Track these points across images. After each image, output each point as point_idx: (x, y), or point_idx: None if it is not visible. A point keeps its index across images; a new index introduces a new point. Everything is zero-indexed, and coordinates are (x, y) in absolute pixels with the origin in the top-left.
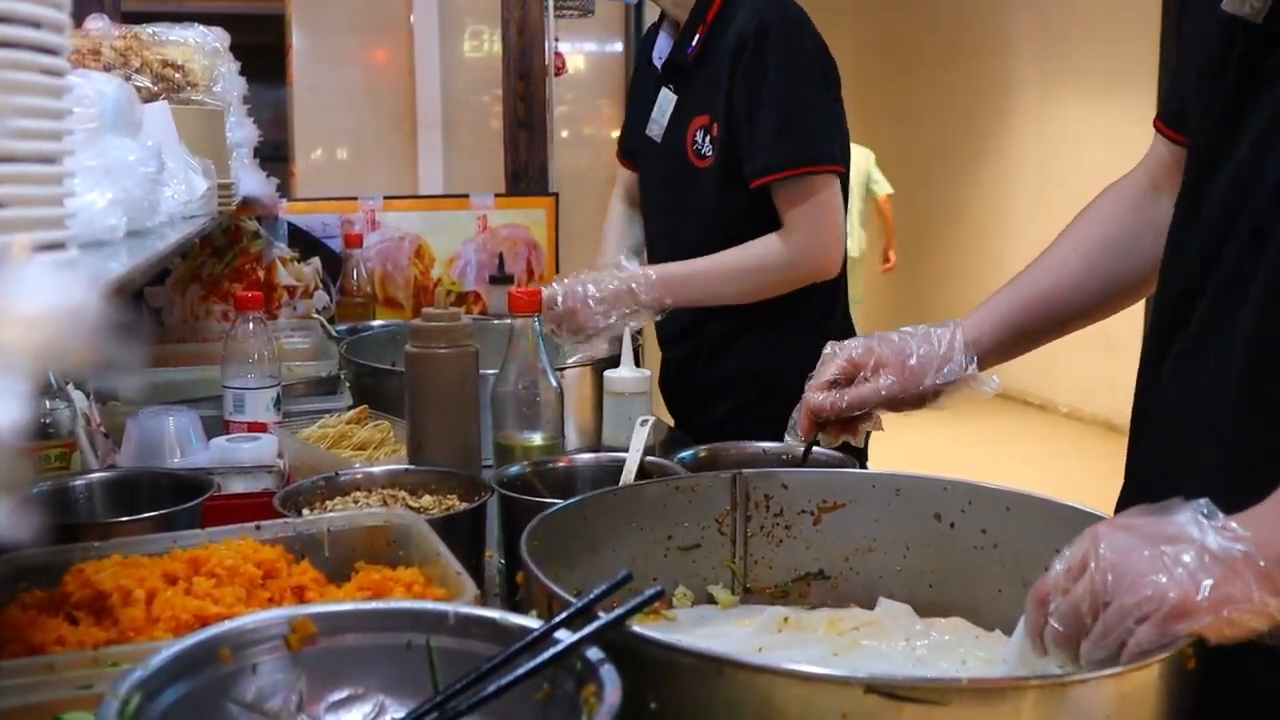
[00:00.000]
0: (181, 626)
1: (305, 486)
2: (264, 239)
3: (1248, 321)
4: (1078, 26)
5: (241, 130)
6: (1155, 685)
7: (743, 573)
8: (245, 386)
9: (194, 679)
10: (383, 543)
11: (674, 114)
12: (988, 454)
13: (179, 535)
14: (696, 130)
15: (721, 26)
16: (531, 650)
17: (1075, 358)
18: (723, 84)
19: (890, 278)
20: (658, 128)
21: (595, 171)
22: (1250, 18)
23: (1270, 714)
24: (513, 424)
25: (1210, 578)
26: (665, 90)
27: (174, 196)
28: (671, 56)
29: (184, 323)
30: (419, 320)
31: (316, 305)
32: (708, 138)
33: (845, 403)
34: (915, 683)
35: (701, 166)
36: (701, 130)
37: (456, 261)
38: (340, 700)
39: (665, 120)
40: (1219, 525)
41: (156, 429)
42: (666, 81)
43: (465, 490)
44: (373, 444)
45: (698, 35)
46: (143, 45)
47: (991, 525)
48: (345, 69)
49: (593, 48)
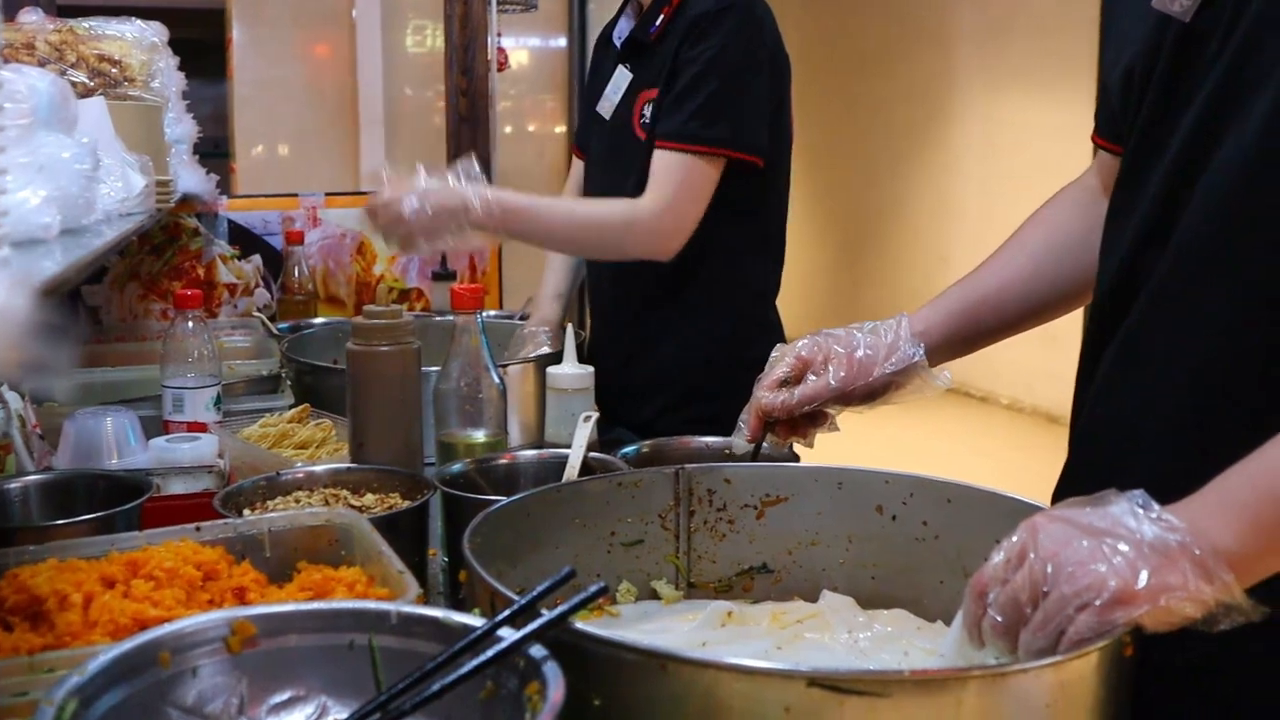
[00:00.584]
0: (120, 630)
1: (246, 486)
2: (204, 236)
3: (1182, 319)
4: (1018, 22)
5: (180, 126)
6: (1093, 673)
7: (686, 568)
8: (185, 386)
9: (132, 684)
10: (325, 542)
11: (626, 91)
12: (930, 446)
13: (117, 538)
14: (644, 104)
15: (685, 7)
16: (474, 649)
17: (1016, 350)
18: (671, 58)
19: (832, 271)
20: (609, 104)
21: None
22: (1179, 16)
23: (1204, 699)
24: (455, 421)
25: (1147, 567)
26: (621, 69)
27: (110, 194)
28: (633, 34)
29: (122, 322)
30: (361, 318)
31: (257, 303)
32: (654, 110)
33: (795, 399)
34: (857, 675)
35: (642, 138)
36: (649, 104)
37: (399, 258)
38: (282, 702)
39: (617, 98)
40: (1154, 515)
41: (94, 430)
42: (624, 60)
43: (408, 488)
44: (314, 443)
45: (662, 15)
46: (78, 39)
47: (933, 517)
48: (286, 64)
49: (536, 43)
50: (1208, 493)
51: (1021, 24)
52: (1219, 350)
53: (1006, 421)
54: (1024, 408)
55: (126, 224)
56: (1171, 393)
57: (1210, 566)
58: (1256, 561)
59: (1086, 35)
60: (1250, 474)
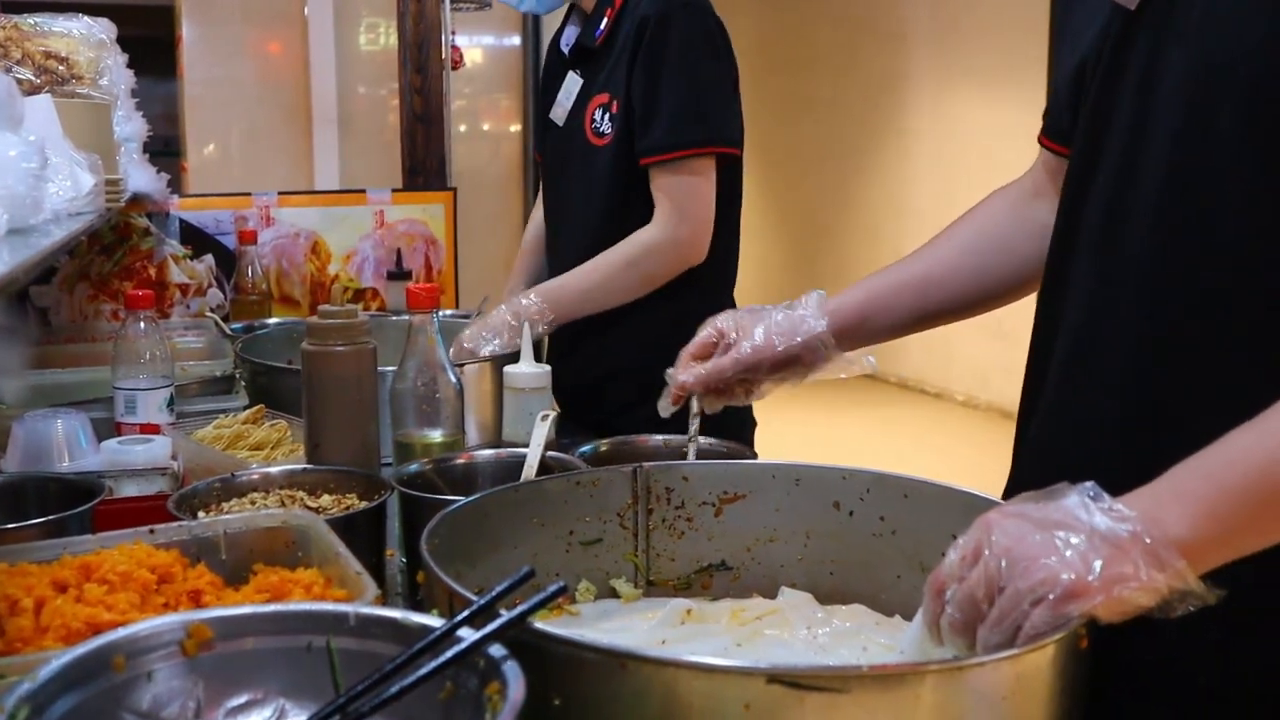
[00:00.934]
0: (73, 635)
1: (200, 488)
2: (155, 236)
3: (1131, 318)
4: (970, 20)
5: (130, 124)
6: (1050, 665)
7: (645, 566)
8: (137, 387)
9: (86, 689)
10: (281, 544)
11: (578, 97)
12: (886, 442)
13: (69, 541)
14: (596, 109)
15: (629, 9)
16: (434, 650)
17: (970, 346)
18: (625, 63)
19: (787, 270)
20: (561, 110)
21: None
22: (1125, 4)
23: (1159, 689)
24: (412, 421)
25: (1100, 558)
26: (571, 75)
27: (59, 193)
28: (579, 40)
29: (72, 322)
30: (315, 317)
31: (210, 303)
32: (606, 115)
33: (705, 373)
34: (816, 672)
35: (599, 144)
36: (600, 109)
37: (354, 258)
38: (239, 705)
39: (570, 103)
40: (1106, 507)
41: (44, 432)
42: (573, 66)
43: (365, 489)
44: (269, 444)
45: (606, 18)
46: (24, 36)
47: (890, 513)
48: (238, 62)
49: (490, 41)
50: (1160, 483)
51: (973, 23)
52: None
53: (962, 417)
54: (979, 404)
55: (75, 224)
56: (1120, 391)
57: (1162, 555)
58: (1209, 550)
59: (1037, 34)
60: (1203, 465)
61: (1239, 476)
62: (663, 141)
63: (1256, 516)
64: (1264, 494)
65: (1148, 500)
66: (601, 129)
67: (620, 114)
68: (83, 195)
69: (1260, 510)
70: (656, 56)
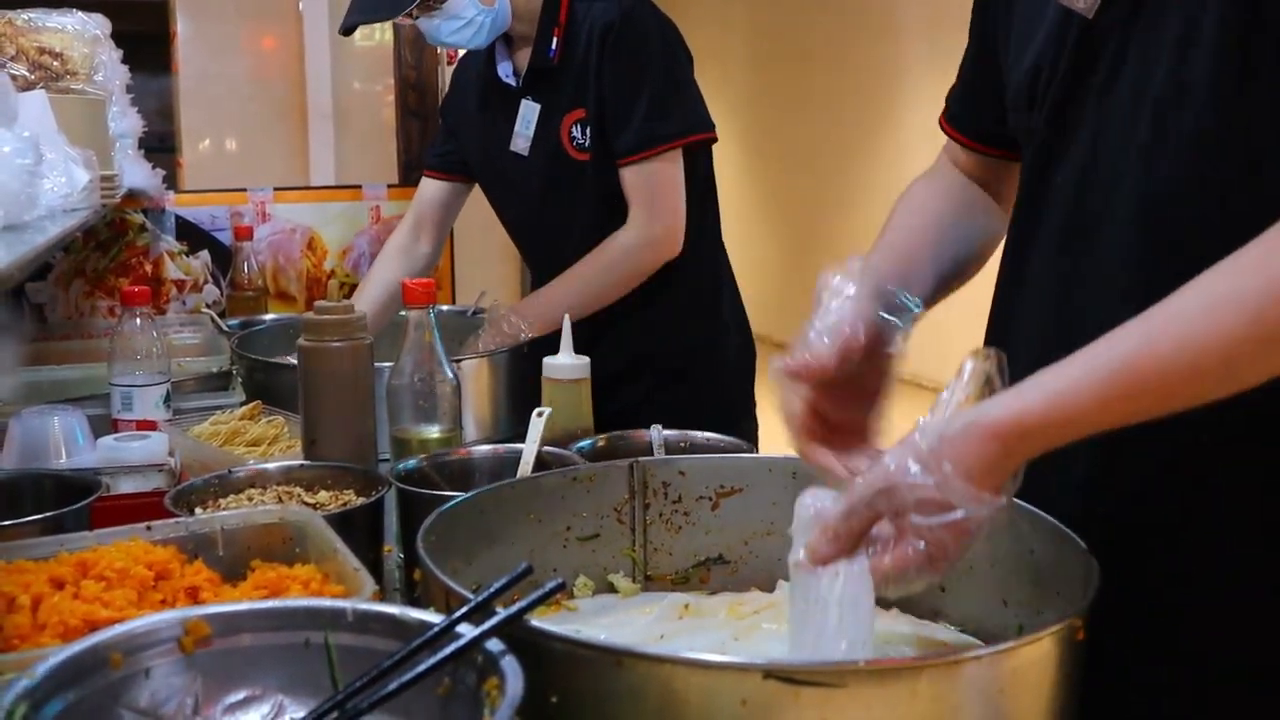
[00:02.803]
0: (70, 632)
1: (197, 485)
2: (150, 232)
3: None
4: (964, 13)
5: (125, 120)
6: (1046, 658)
7: (643, 561)
8: (133, 384)
9: (84, 686)
10: (278, 540)
11: (540, 121)
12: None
13: (66, 538)
14: (571, 125)
15: (577, 23)
16: (432, 646)
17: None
18: (591, 74)
19: (782, 266)
20: (524, 141)
21: None
22: (1083, 12)
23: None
24: (409, 417)
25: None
26: (526, 102)
27: (53, 189)
28: (533, 65)
29: (68, 319)
30: (312, 313)
31: (206, 299)
32: (586, 130)
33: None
34: (812, 667)
35: (582, 159)
36: (578, 124)
37: (350, 253)
38: (238, 702)
39: (531, 131)
40: None
41: (40, 429)
42: (527, 93)
43: (362, 485)
44: (266, 440)
45: (555, 37)
46: (18, 32)
47: None
48: (232, 57)
49: None
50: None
51: (967, 14)
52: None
53: None
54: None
55: (70, 220)
56: None
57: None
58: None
59: None
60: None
61: (1094, 358)
62: (637, 141)
63: (1102, 396)
64: (1117, 376)
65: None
66: (583, 143)
67: (594, 124)
68: (78, 191)
69: (1106, 390)
70: (622, 61)
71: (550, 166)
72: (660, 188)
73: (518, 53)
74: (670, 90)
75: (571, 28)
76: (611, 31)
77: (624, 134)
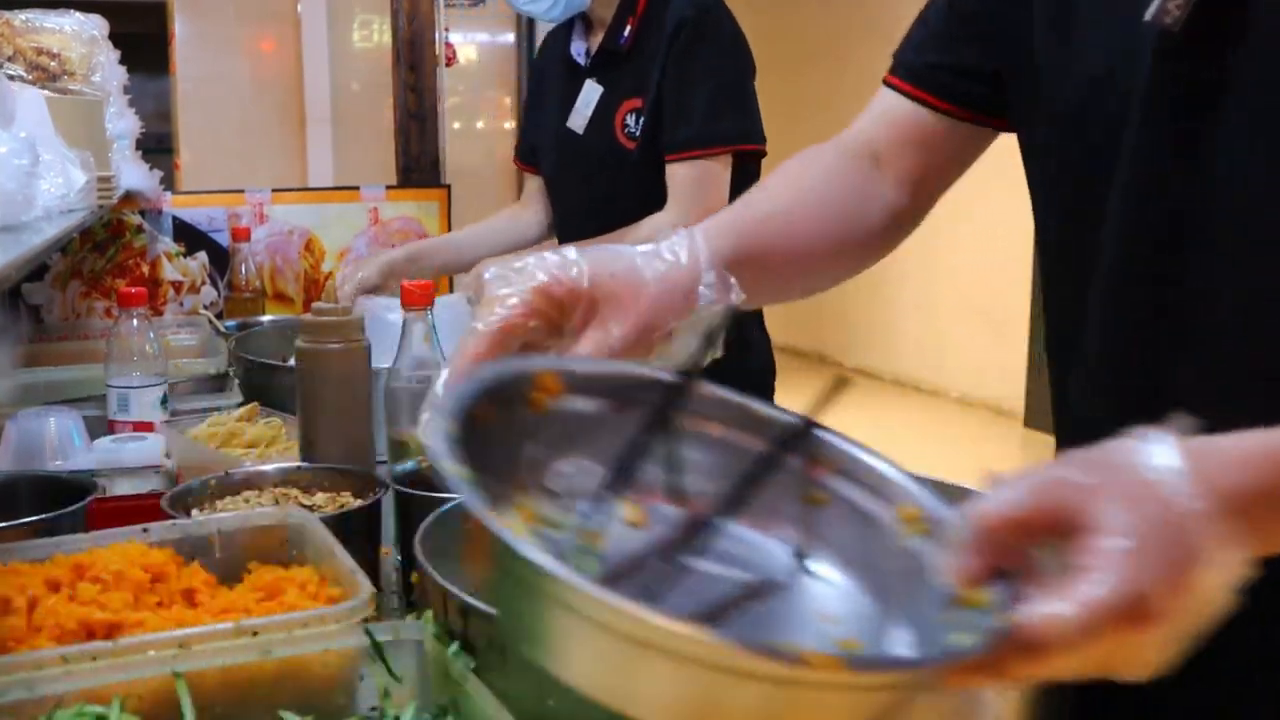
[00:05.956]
0: (66, 635)
1: (194, 487)
2: (148, 233)
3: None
4: None
5: (122, 121)
6: None
7: None
8: (130, 385)
9: None
10: (275, 542)
11: (600, 104)
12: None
13: (62, 540)
14: (626, 114)
15: (653, 15)
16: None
17: (964, 344)
18: (656, 66)
19: None
20: (581, 119)
21: (488, 163)
22: (1166, 26)
23: None
24: (407, 419)
25: None
26: (589, 83)
27: (50, 190)
28: (604, 47)
29: (65, 320)
30: (310, 315)
31: (204, 301)
32: (640, 119)
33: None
34: None
35: (630, 147)
36: (633, 113)
37: (348, 255)
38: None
39: (590, 111)
40: None
41: (37, 430)
42: (592, 74)
43: (359, 487)
44: (264, 441)
45: (629, 26)
46: (15, 32)
47: None
48: (231, 59)
49: (485, 38)
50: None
51: None
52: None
53: (956, 414)
54: (973, 401)
55: (67, 220)
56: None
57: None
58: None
59: None
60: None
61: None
62: (692, 139)
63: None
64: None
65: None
66: (633, 132)
67: (648, 115)
68: (75, 192)
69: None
70: (691, 57)
71: (599, 148)
72: (706, 188)
73: (593, 35)
74: (734, 94)
75: (647, 18)
76: (686, 26)
77: (681, 128)
